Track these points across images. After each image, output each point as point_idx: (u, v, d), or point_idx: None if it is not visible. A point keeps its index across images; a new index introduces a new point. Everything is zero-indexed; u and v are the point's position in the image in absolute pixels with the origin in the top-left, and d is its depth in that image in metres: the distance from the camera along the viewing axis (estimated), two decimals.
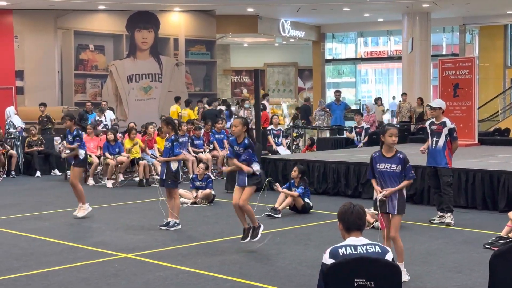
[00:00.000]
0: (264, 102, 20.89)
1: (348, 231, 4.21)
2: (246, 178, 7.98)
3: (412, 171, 6.74)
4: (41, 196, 13.48)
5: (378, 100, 22.99)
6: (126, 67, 22.51)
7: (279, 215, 10.48)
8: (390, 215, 6.70)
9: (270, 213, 10.44)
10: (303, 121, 22.05)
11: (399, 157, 6.64)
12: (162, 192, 9.89)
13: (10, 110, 18.63)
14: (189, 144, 15.94)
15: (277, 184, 11.08)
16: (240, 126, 8.01)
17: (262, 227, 8.17)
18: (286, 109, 30.42)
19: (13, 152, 16.71)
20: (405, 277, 6.50)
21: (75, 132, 10.70)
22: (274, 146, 17.15)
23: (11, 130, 18.07)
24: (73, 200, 11.63)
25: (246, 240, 8.10)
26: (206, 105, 20.56)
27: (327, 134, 21.13)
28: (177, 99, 20.61)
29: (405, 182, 6.65)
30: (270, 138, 17.35)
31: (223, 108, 21.21)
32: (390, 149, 6.69)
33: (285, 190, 10.79)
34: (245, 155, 7.98)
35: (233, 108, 22.83)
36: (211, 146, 16.49)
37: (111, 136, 15.21)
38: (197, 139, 16.33)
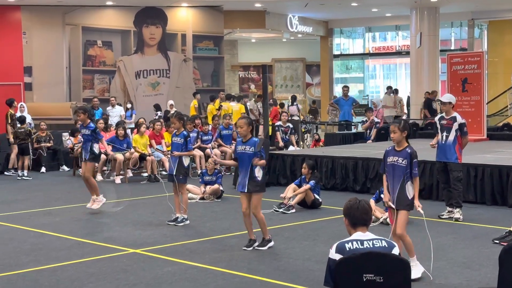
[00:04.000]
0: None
1: (354, 226, 4.21)
2: (246, 184, 7.77)
3: (416, 168, 6.61)
4: (50, 191, 13.52)
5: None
6: (134, 63, 22.53)
7: (293, 210, 10.48)
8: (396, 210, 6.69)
9: (282, 210, 10.43)
10: (311, 116, 22.07)
11: (407, 151, 6.61)
12: (170, 187, 9.88)
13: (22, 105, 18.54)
14: (199, 139, 15.99)
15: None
16: (245, 126, 7.88)
17: (272, 243, 7.98)
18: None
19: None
20: (419, 270, 6.50)
21: (92, 125, 10.68)
22: (281, 143, 17.14)
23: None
24: (82, 195, 11.68)
25: (249, 249, 7.93)
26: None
27: (333, 129, 21.13)
28: (194, 94, 20.67)
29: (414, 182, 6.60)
30: (278, 134, 17.35)
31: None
32: (399, 143, 6.68)
33: (297, 190, 10.78)
34: (260, 153, 7.78)
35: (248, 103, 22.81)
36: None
37: (121, 131, 15.25)
38: (204, 135, 16.36)
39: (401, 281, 3.96)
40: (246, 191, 7.79)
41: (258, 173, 7.79)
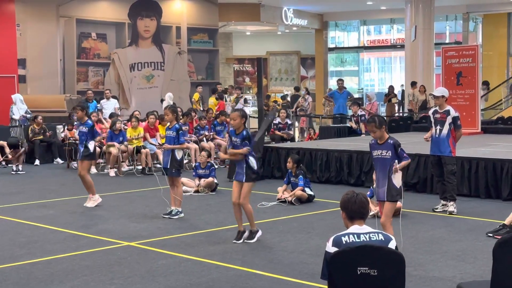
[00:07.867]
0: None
1: (351, 219, 4.21)
2: (244, 174, 7.85)
3: (405, 154, 6.83)
4: (45, 184, 13.50)
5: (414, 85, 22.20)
6: (129, 55, 22.46)
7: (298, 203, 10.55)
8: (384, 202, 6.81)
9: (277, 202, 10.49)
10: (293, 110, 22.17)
11: (390, 143, 6.80)
12: (164, 180, 9.88)
13: (15, 97, 18.43)
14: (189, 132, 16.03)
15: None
16: (238, 119, 7.91)
17: (260, 233, 8.02)
18: (289, 98, 30.39)
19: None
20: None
21: (90, 123, 10.63)
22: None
23: (14, 117, 18.03)
24: (77, 188, 11.67)
25: (239, 242, 7.93)
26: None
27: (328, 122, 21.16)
28: (213, 91, 20.41)
29: (403, 163, 6.77)
30: (277, 132, 17.51)
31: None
32: (381, 138, 6.87)
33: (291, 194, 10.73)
34: (242, 146, 7.91)
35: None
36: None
37: (119, 125, 15.24)
38: (202, 129, 16.41)
39: (395, 274, 3.98)
40: (244, 180, 7.85)
41: (253, 163, 7.87)
